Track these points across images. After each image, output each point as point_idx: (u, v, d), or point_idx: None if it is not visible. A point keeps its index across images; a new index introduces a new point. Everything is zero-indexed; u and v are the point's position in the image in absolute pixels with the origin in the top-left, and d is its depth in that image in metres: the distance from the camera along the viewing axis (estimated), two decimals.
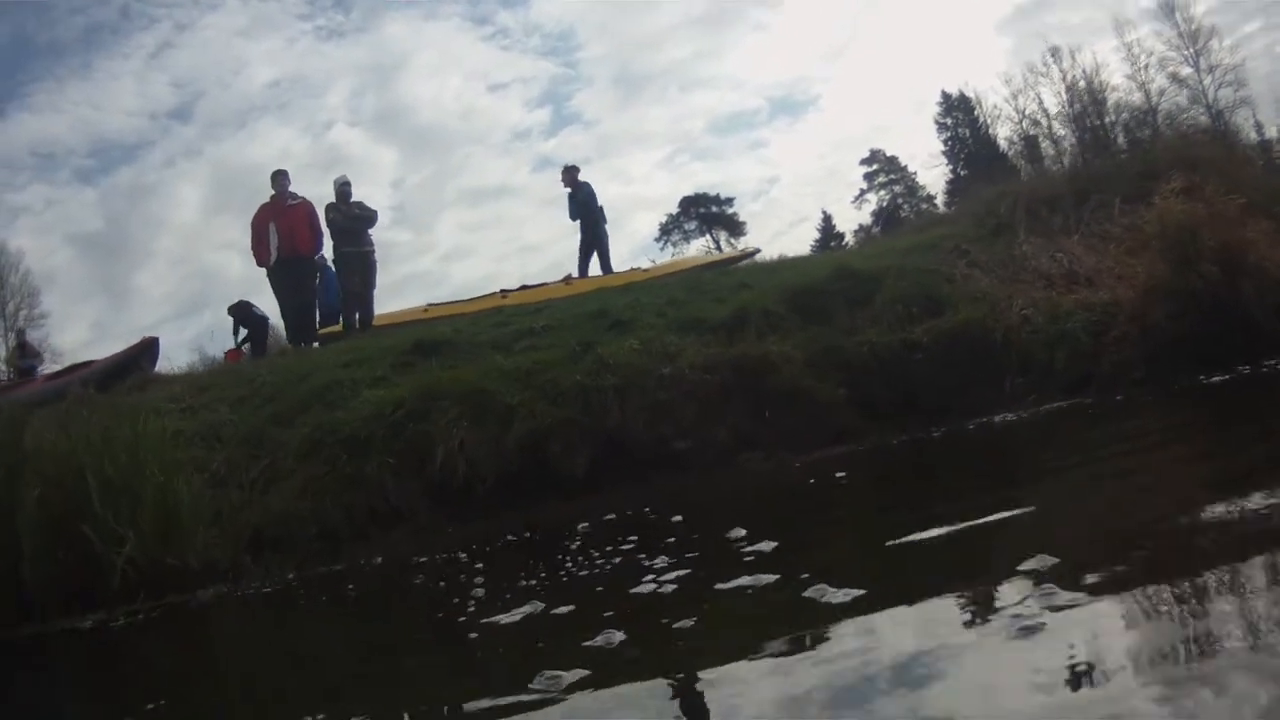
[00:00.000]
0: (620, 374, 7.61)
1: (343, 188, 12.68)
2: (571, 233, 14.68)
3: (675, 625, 3.05)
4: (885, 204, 58.59)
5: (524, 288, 14.28)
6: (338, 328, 12.58)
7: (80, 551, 6.49)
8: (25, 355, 17.15)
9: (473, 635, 3.65)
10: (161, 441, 7.02)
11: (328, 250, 12.85)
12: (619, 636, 3.03)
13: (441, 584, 5.28)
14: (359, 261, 12.57)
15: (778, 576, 3.37)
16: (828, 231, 56.13)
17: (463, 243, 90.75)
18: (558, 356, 7.96)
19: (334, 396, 7.86)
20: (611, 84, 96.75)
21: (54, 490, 6.65)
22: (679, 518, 5.48)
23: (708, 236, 56.94)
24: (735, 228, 57.33)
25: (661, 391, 7.64)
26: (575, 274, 14.63)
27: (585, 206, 14.78)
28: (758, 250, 17.17)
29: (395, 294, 75.82)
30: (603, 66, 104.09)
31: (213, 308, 75.35)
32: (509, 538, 6.36)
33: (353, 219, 12.54)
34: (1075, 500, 4.19)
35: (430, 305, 14.31)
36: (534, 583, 4.48)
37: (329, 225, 12.48)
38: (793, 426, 7.71)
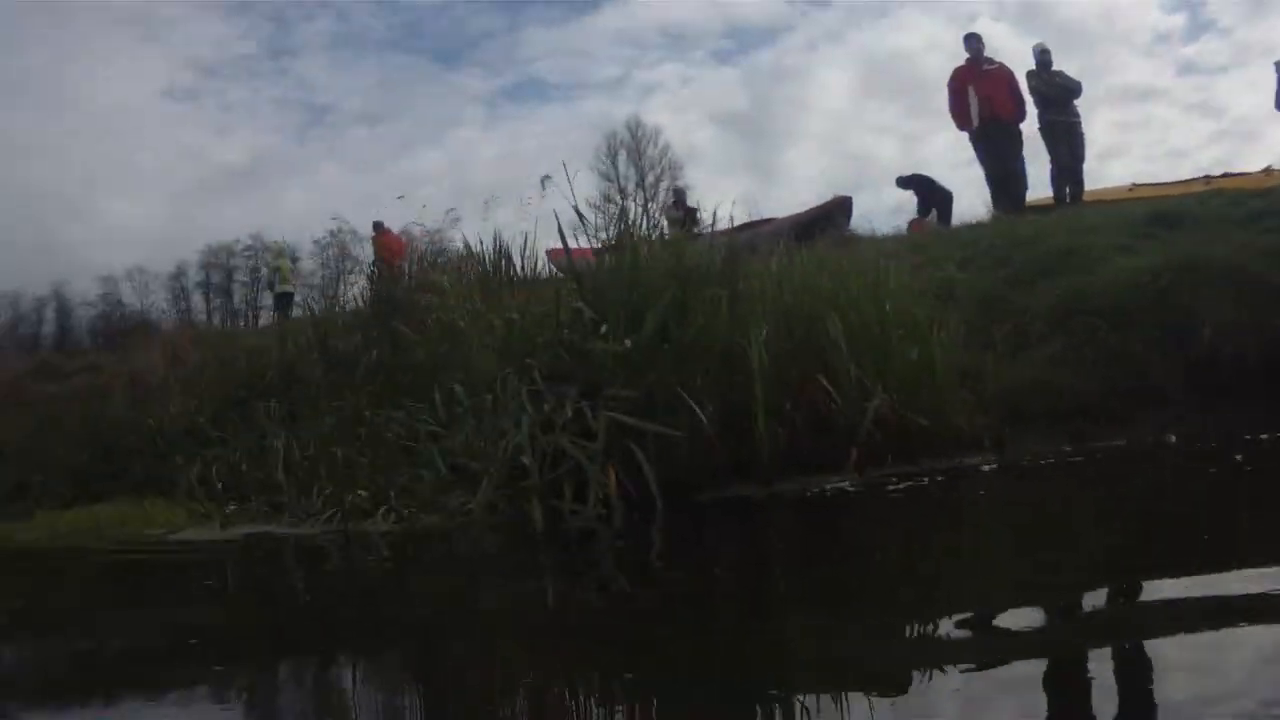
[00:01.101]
0: None
1: (1042, 55, 11.46)
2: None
3: None
4: None
5: (1226, 175, 12.83)
6: (1044, 200, 11.44)
7: (815, 407, 5.36)
8: (680, 208, 15.80)
9: None
10: (906, 293, 5.86)
11: (1031, 120, 11.48)
12: None
13: None
14: (1066, 131, 11.32)
15: None
16: None
17: (1115, 142, 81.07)
18: None
19: (1078, 262, 6.64)
20: None
21: (777, 337, 5.49)
22: None
23: None
24: None
25: None
26: None
27: None
28: None
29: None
30: None
31: (868, 189, 73.16)
32: None
33: (1056, 87, 11.33)
34: None
35: (1135, 185, 13.10)
36: None
37: (1031, 93, 11.26)
38: None
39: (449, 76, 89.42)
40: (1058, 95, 11.30)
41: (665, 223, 9.55)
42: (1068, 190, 11.30)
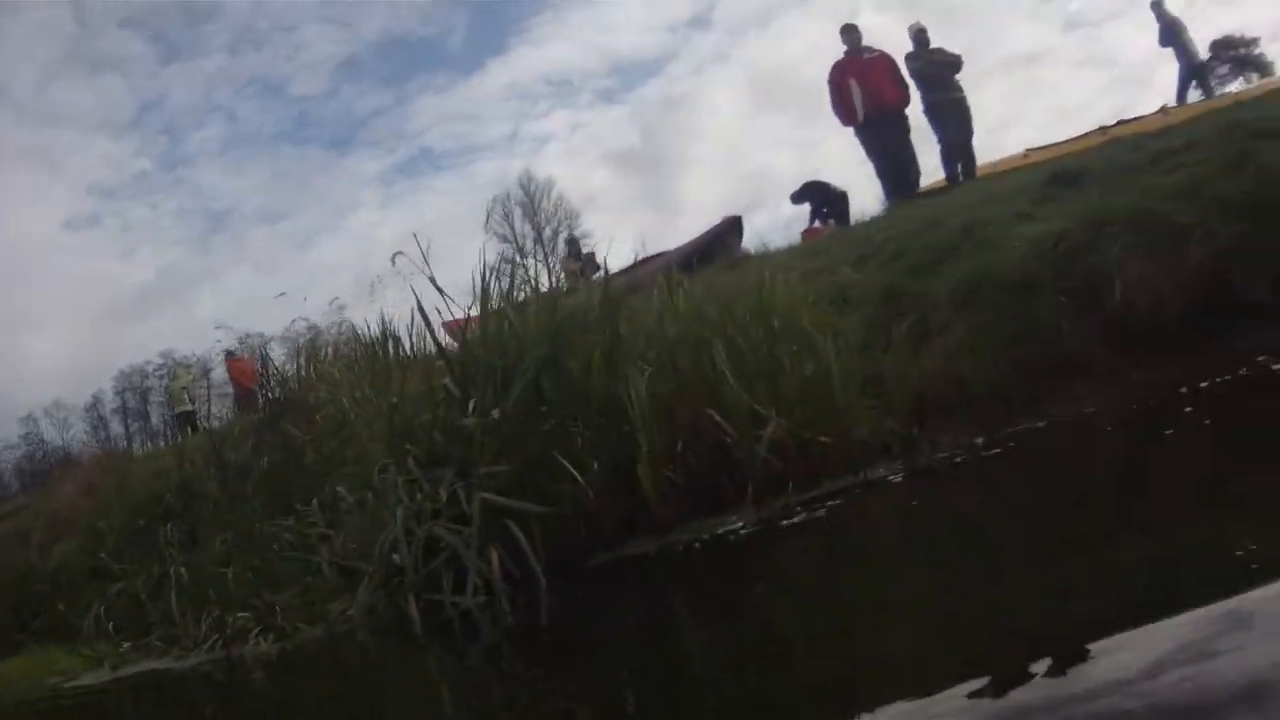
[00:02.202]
0: None
1: (919, 34, 11.06)
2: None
3: None
4: None
5: (1121, 122, 12.77)
6: (937, 183, 10.97)
7: (706, 443, 4.89)
8: (577, 256, 15.17)
9: None
10: (795, 304, 5.35)
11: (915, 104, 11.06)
12: None
13: None
14: (952, 108, 10.90)
15: None
16: None
17: (1006, 111, 75.73)
18: (1212, 172, 5.86)
19: (977, 239, 6.04)
20: None
21: (663, 376, 5.03)
22: None
23: (1240, 79, 49.44)
24: (1264, 68, 47.62)
25: None
26: (1173, 103, 13.56)
27: (1170, 34, 14.02)
28: None
29: None
30: None
31: (768, 206, 69.12)
32: None
33: (937, 65, 10.88)
34: None
35: (1029, 150, 12.91)
36: None
37: (912, 75, 10.83)
38: None
39: (343, 162, 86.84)
40: (938, 73, 10.86)
41: (563, 275, 9.08)
42: (960, 168, 10.83)
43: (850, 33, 10.87)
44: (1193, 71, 14.20)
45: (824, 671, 2.49)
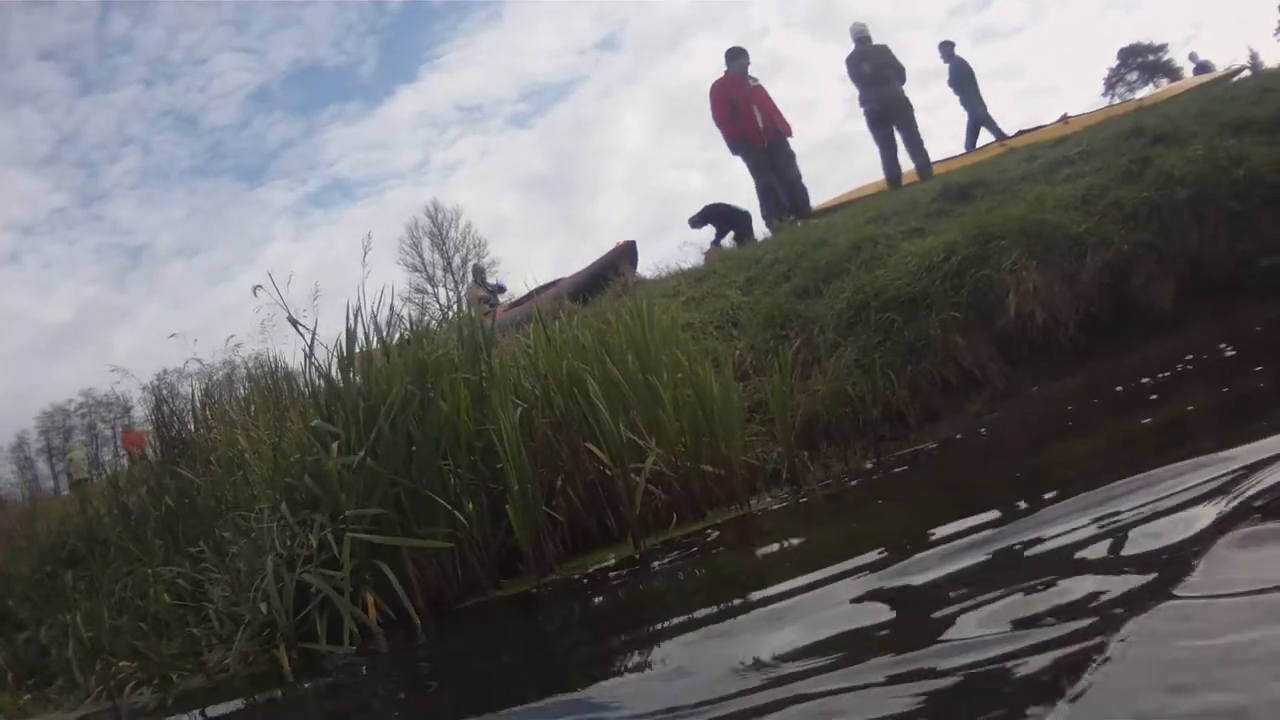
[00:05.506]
0: (1190, 186, 5.38)
1: (860, 35, 10.73)
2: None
3: None
4: None
5: (1021, 133, 12.26)
6: (834, 200, 10.56)
7: (587, 478, 4.55)
8: (483, 285, 14.42)
9: None
10: (674, 332, 4.97)
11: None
12: None
13: None
14: (904, 106, 10.58)
15: None
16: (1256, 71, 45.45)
17: (923, 123, 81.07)
18: (1110, 179, 5.59)
19: (867, 255, 5.69)
20: None
21: (539, 412, 4.67)
22: None
23: (1150, 86, 45.00)
24: (1173, 74, 44.00)
25: (1234, 202, 5.37)
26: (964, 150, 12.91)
27: (958, 78, 13.37)
28: (1244, 67, 14.72)
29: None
30: None
31: (679, 227, 67.86)
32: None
33: (883, 65, 10.48)
34: None
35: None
36: None
37: (875, 68, 10.41)
38: None
39: (255, 194, 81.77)
40: (897, 71, 10.44)
41: (467, 304, 8.60)
42: (917, 168, 10.43)
43: (739, 56, 10.33)
44: (979, 119, 13.38)
45: None
